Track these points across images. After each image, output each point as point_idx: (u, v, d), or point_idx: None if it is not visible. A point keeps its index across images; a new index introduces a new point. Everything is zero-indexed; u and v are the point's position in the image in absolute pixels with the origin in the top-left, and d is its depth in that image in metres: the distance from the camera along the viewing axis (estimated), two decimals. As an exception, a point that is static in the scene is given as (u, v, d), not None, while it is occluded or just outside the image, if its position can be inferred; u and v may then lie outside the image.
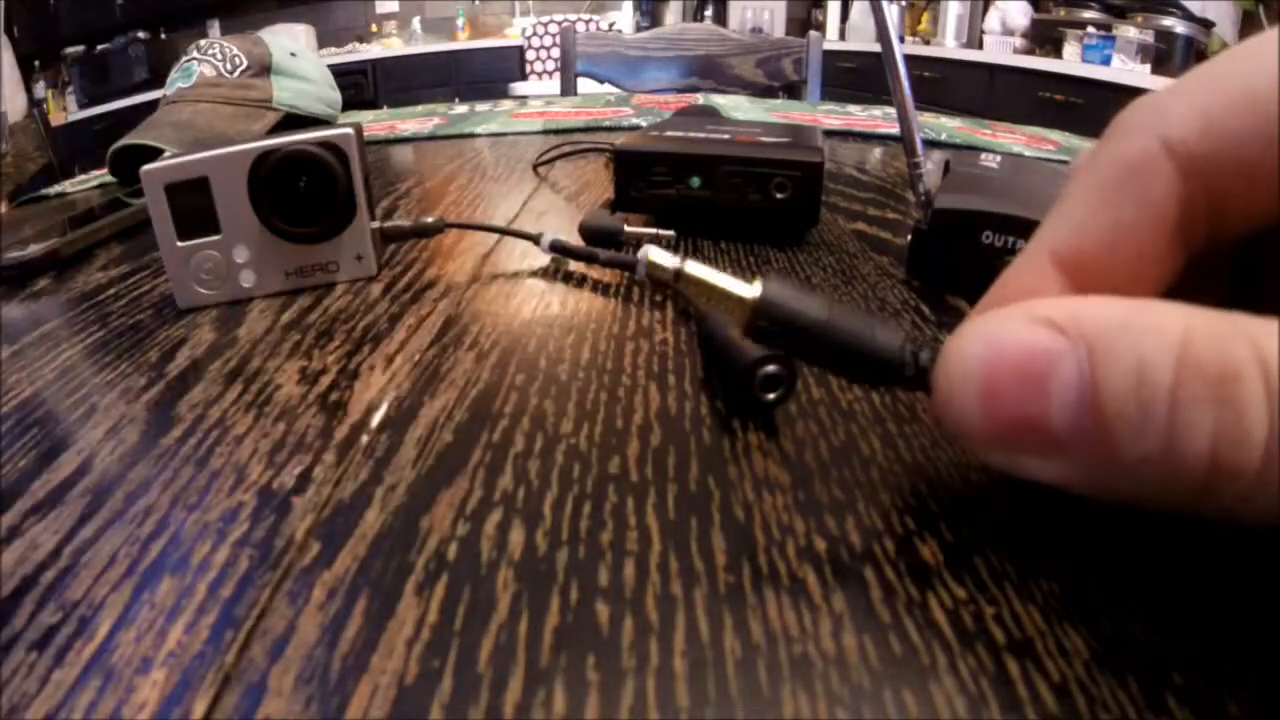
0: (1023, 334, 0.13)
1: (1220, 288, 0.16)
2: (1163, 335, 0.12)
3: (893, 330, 0.16)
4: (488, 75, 3.60)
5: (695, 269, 0.17)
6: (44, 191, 0.64)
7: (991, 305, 0.16)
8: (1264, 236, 0.15)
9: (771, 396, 0.21)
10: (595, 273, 0.33)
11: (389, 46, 3.68)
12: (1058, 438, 0.13)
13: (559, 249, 0.33)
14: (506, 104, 0.95)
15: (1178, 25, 2.15)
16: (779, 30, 3.43)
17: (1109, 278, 0.15)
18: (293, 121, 0.70)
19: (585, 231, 0.35)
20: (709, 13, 3.56)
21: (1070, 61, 2.30)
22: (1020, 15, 2.63)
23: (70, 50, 3.49)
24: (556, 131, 0.73)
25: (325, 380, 0.25)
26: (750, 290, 0.17)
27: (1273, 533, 0.16)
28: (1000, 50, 2.63)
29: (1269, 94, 0.13)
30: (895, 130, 0.38)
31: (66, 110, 3.43)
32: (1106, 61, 2.20)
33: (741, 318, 0.17)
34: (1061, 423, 0.12)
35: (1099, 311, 0.12)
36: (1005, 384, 0.13)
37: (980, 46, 2.73)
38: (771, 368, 0.20)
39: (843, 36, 3.29)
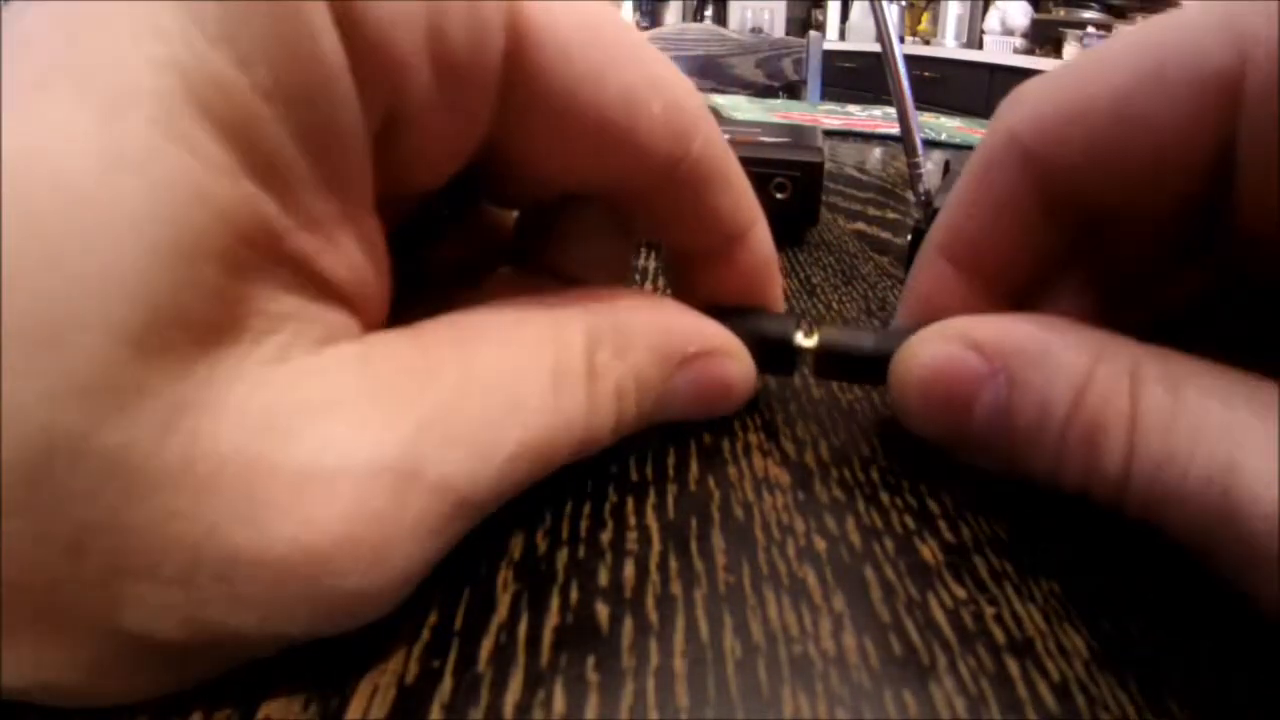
0: (955, 358, 0.16)
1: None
2: (1069, 373, 0.14)
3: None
4: (488, 75, 3.59)
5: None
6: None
7: (909, 303, 0.19)
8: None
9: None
10: (595, 273, 0.33)
11: (389, 46, 3.67)
12: (979, 442, 0.16)
13: (559, 249, 0.33)
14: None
15: (1177, 25, 2.14)
16: (779, 30, 3.43)
17: (986, 265, 0.18)
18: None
19: (585, 231, 0.35)
20: (709, 13, 3.56)
21: (1070, 61, 2.30)
22: (1020, 15, 2.63)
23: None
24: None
25: (325, 380, 0.25)
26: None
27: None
28: (1000, 50, 2.64)
29: (1099, 106, 0.14)
30: (895, 130, 0.38)
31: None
32: (1106, 61, 2.20)
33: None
34: (982, 432, 0.15)
35: (1025, 342, 0.15)
36: (939, 399, 0.16)
37: (980, 46, 2.74)
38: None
39: (843, 36, 3.30)
